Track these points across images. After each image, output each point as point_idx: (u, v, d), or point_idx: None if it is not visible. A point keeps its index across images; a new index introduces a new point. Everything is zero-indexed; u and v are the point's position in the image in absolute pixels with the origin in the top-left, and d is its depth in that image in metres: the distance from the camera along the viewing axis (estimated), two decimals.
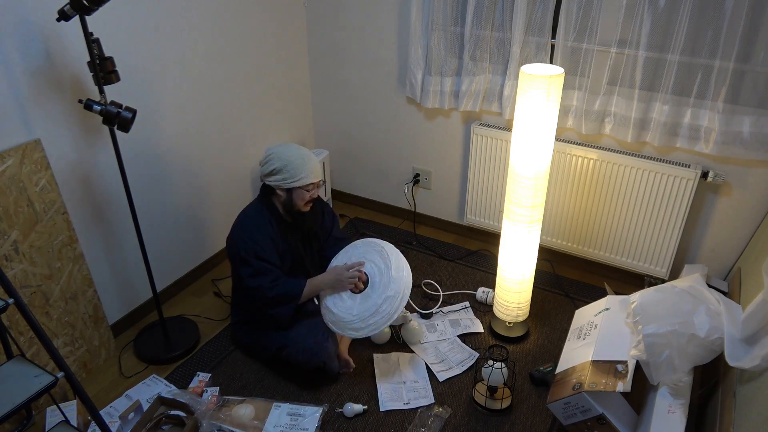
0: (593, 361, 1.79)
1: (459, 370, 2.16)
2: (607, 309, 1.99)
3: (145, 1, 2.10)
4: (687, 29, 2.04)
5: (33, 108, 1.84)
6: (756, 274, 1.93)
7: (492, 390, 2.00)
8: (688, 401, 1.65)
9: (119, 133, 2.10)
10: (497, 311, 2.33)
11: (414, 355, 2.23)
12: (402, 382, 2.10)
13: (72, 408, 1.88)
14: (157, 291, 2.40)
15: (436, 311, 2.46)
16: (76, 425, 1.80)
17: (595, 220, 2.52)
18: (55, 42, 1.85)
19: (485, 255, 2.87)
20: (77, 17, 1.66)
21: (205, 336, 2.36)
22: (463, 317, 2.43)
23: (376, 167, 3.16)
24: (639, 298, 1.82)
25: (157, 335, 2.31)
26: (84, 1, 1.60)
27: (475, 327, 2.37)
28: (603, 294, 2.37)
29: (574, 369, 1.84)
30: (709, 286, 1.91)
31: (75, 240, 2.01)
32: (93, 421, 1.81)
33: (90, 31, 1.68)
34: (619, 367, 1.72)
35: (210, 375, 2.10)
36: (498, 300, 2.31)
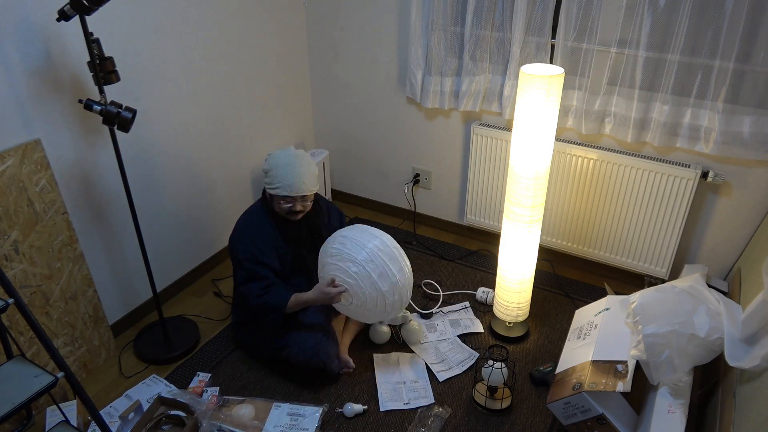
0: (593, 361, 1.79)
1: (459, 370, 2.16)
2: (607, 309, 2.00)
3: (145, 1, 2.10)
4: (687, 29, 2.04)
5: (33, 108, 1.84)
6: (756, 274, 1.93)
7: (492, 390, 2.00)
8: (688, 401, 1.65)
9: (119, 133, 2.11)
10: (497, 311, 2.33)
11: (414, 355, 2.23)
12: (402, 382, 2.10)
13: (72, 408, 1.88)
14: (157, 291, 2.41)
15: (436, 311, 2.46)
16: (76, 425, 1.80)
17: (595, 220, 2.52)
18: (55, 42, 1.85)
19: (485, 255, 2.87)
20: (77, 17, 1.66)
21: (205, 336, 2.36)
22: (463, 317, 2.43)
23: (376, 167, 3.16)
24: (639, 298, 1.82)
25: (157, 335, 2.31)
26: (84, 1, 1.60)
27: (475, 327, 2.37)
28: (603, 294, 2.37)
29: (574, 369, 1.84)
30: (709, 286, 1.91)
31: (75, 240, 2.01)
32: (93, 421, 1.81)
33: (90, 31, 1.68)
34: (619, 367, 1.72)
35: (210, 375, 2.10)
36: (498, 300, 2.31)
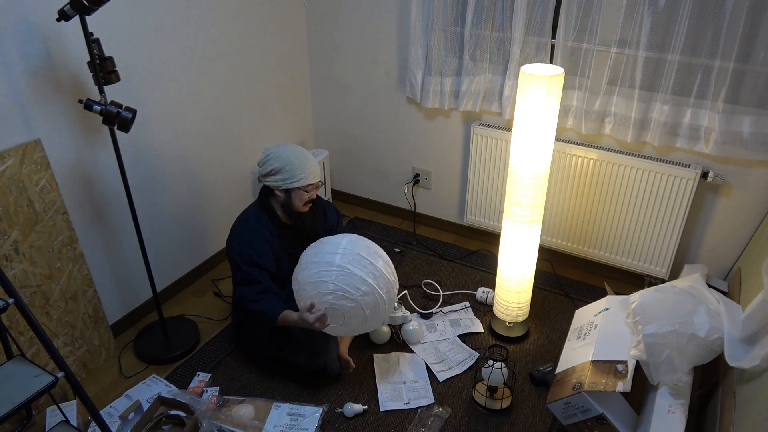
0: (593, 361, 1.79)
1: (459, 370, 2.16)
2: (607, 309, 1.99)
3: (145, 1, 2.10)
4: (687, 29, 2.04)
5: (33, 108, 1.84)
6: (756, 274, 1.93)
7: (492, 390, 2.00)
8: (688, 401, 1.65)
9: (119, 133, 2.11)
10: (497, 311, 2.33)
11: (414, 355, 2.23)
12: (402, 382, 2.10)
13: (72, 408, 1.88)
14: (157, 291, 2.41)
15: (436, 311, 2.46)
16: (76, 425, 1.80)
17: (595, 220, 2.51)
18: (55, 42, 1.85)
19: (485, 255, 2.87)
20: (77, 17, 1.66)
21: (205, 336, 2.36)
22: (463, 317, 2.43)
23: (376, 167, 3.16)
24: (639, 298, 1.82)
25: (157, 335, 2.31)
26: (84, 1, 1.60)
27: (475, 327, 2.37)
28: (603, 294, 2.37)
29: (574, 369, 1.84)
30: (709, 286, 1.91)
31: (75, 240, 2.01)
32: (93, 421, 1.81)
33: (90, 31, 1.68)
34: (619, 367, 1.72)
35: (210, 375, 2.10)
36: (498, 300, 2.31)
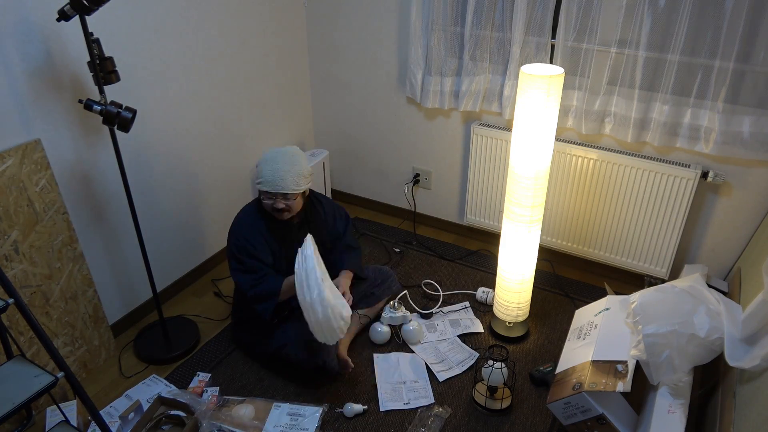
0: (593, 361, 1.79)
1: (459, 370, 2.16)
2: (607, 309, 1.99)
3: (145, 1, 2.10)
4: (687, 29, 2.04)
5: (33, 108, 1.84)
6: (756, 274, 1.93)
7: (492, 390, 2.00)
8: (688, 401, 1.65)
9: (119, 133, 2.11)
10: (497, 311, 2.33)
11: (414, 355, 2.23)
12: (402, 382, 2.10)
13: (72, 408, 1.88)
14: (157, 291, 2.41)
15: (436, 311, 2.46)
16: (76, 425, 1.80)
17: (595, 220, 2.51)
18: (55, 42, 1.85)
19: (485, 255, 2.87)
20: (77, 17, 1.66)
21: (205, 336, 2.36)
22: (463, 317, 2.43)
23: (376, 167, 3.16)
24: (639, 298, 1.82)
25: (157, 335, 2.31)
26: (84, 1, 1.60)
27: (475, 327, 2.37)
28: (603, 294, 2.37)
29: (574, 369, 1.84)
30: (709, 286, 1.91)
31: (75, 240, 2.01)
32: (93, 421, 1.81)
33: (90, 31, 1.68)
34: (619, 367, 1.72)
35: (210, 375, 2.10)
36: (498, 300, 2.31)
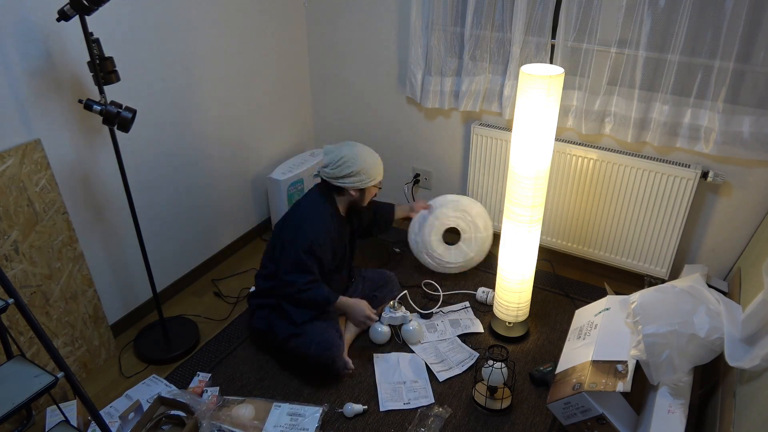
0: (593, 361, 1.79)
1: (459, 370, 2.16)
2: (607, 309, 1.99)
3: (145, 1, 2.10)
4: (687, 29, 2.04)
5: (33, 108, 1.84)
6: (756, 274, 1.93)
7: (492, 390, 2.00)
8: (688, 401, 1.65)
9: (119, 133, 2.11)
10: (497, 311, 2.33)
11: (414, 355, 2.23)
12: (402, 382, 2.10)
13: (72, 408, 1.88)
14: (157, 291, 2.41)
15: (436, 311, 2.46)
16: (76, 425, 1.80)
17: (595, 220, 2.51)
18: (55, 42, 1.85)
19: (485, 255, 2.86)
20: (77, 17, 1.66)
21: (205, 336, 2.36)
22: (463, 317, 2.43)
23: None
24: (639, 298, 1.82)
25: (157, 335, 2.31)
26: (84, 1, 1.60)
27: (475, 327, 2.37)
28: (603, 294, 2.37)
29: (574, 369, 1.84)
30: (709, 286, 1.91)
31: (75, 240, 2.01)
32: (93, 421, 1.81)
33: (90, 31, 1.68)
34: (619, 367, 1.72)
35: (210, 375, 2.10)
36: (498, 300, 2.31)
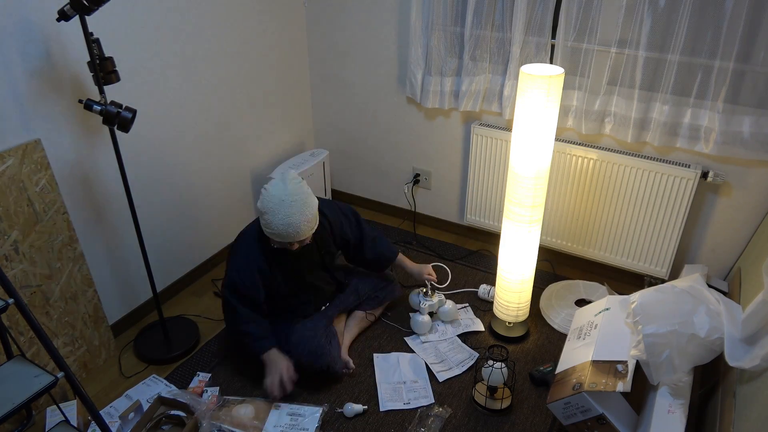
0: (593, 361, 1.79)
1: (459, 370, 2.16)
2: (607, 309, 1.99)
3: (145, 1, 2.10)
4: (687, 29, 2.04)
5: (33, 108, 1.84)
6: (756, 274, 1.93)
7: (492, 390, 2.00)
8: (688, 401, 1.65)
9: (119, 133, 2.11)
10: (497, 311, 2.33)
11: (414, 355, 2.23)
12: (402, 382, 2.10)
13: (72, 408, 1.88)
14: (157, 291, 2.41)
15: (446, 285, 2.63)
16: (76, 425, 1.80)
17: (595, 220, 2.51)
18: (55, 42, 1.85)
19: (485, 255, 2.87)
20: (77, 17, 1.66)
21: (205, 336, 2.36)
22: (464, 317, 2.43)
23: (376, 167, 3.16)
24: (639, 298, 1.82)
25: (157, 335, 2.31)
26: (84, 1, 1.60)
27: (476, 326, 2.38)
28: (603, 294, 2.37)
29: (574, 369, 1.84)
30: (709, 286, 1.91)
31: (75, 240, 2.01)
32: (93, 421, 1.81)
33: (90, 31, 1.68)
34: (619, 367, 1.72)
35: (210, 375, 2.10)
36: (498, 300, 2.31)
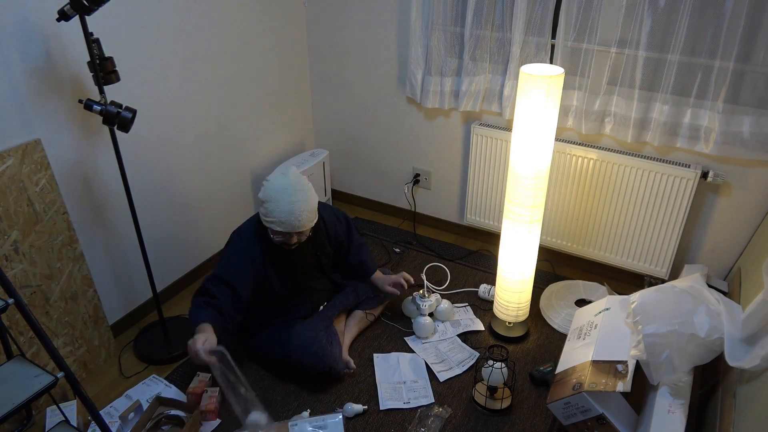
0: (593, 361, 1.79)
1: (459, 370, 2.16)
2: (607, 309, 1.99)
3: (145, 1, 2.10)
4: (687, 29, 2.04)
5: (33, 108, 1.84)
6: (756, 274, 1.93)
7: (492, 390, 2.00)
8: (688, 401, 1.65)
9: (119, 133, 2.11)
10: (497, 311, 2.33)
11: (414, 355, 2.23)
12: (402, 382, 2.10)
13: (72, 408, 1.88)
14: (157, 291, 2.41)
15: (445, 286, 2.63)
16: (76, 425, 1.80)
17: (595, 220, 2.51)
18: (55, 42, 1.85)
19: (485, 255, 2.87)
20: (77, 17, 1.66)
21: None
22: (464, 317, 2.43)
23: (376, 167, 3.16)
24: (639, 298, 1.82)
25: (157, 335, 2.31)
26: (84, 1, 1.60)
27: (476, 325, 2.38)
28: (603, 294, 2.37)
29: (574, 369, 1.84)
30: (709, 286, 1.91)
31: (75, 240, 2.01)
32: (93, 421, 1.81)
33: (90, 31, 1.69)
34: (619, 367, 1.72)
35: (210, 375, 2.10)
36: (498, 300, 2.31)
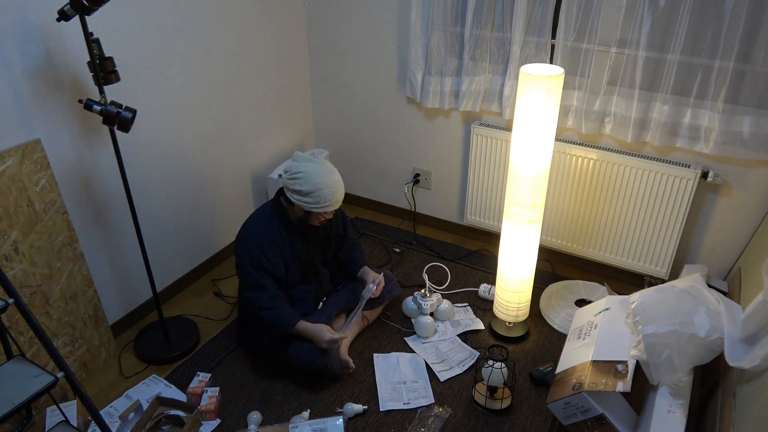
0: (593, 361, 1.79)
1: (460, 369, 2.16)
2: (607, 309, 1.99)
3: (145, 1, 2.10)
4: (687, 29, 2.04)
5: (33, 108, 1.84)
6: (756, 274, 1.93)
7: (492, 390, 2.00)
8: (688, 401, 1.65)
9: (119, 133, 2.11)
10: (497, 311, 2.33)
11: (414, 355, 2.23)
12: (402, 382, 2.10)
13: (72, 408, 1.88)
14: (157, 291, 2.41)
15: (445, 286, 2.63)
16: (76, 425, 1.80)
17: (595, 220, 2.51)
18: (55, 42, 1.85)
19: (485, 255, 2.87)
20: (77, 17, 1.66)
21: (205, 336, 2.36)
22: (464, 317, 2.43)
23: (376, 167, 3.16)
24: (639, 298, 1.82)
25: (157, 335, 2.31)
26: (84, 1, 1.60)
27: (476, 325, 2.38)
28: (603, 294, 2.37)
29: (574, 369, 1.84)
30: (709, 286, 1.91)
31: (75, 240, 2.01)
32: (93, 421, 1.81)
33: (90, 31, 1.69)
34: (619, 367, 1.72)
35: (210, 375, 2.10)
36: (498, 300, 2.31)
